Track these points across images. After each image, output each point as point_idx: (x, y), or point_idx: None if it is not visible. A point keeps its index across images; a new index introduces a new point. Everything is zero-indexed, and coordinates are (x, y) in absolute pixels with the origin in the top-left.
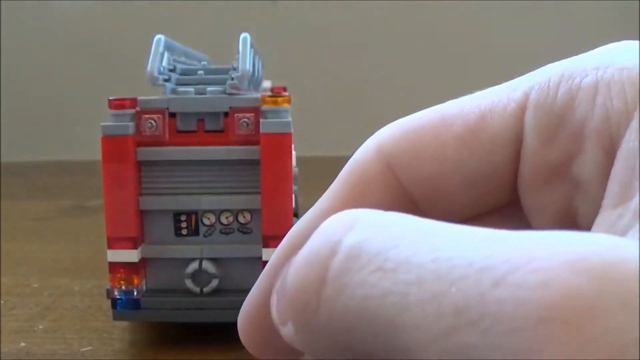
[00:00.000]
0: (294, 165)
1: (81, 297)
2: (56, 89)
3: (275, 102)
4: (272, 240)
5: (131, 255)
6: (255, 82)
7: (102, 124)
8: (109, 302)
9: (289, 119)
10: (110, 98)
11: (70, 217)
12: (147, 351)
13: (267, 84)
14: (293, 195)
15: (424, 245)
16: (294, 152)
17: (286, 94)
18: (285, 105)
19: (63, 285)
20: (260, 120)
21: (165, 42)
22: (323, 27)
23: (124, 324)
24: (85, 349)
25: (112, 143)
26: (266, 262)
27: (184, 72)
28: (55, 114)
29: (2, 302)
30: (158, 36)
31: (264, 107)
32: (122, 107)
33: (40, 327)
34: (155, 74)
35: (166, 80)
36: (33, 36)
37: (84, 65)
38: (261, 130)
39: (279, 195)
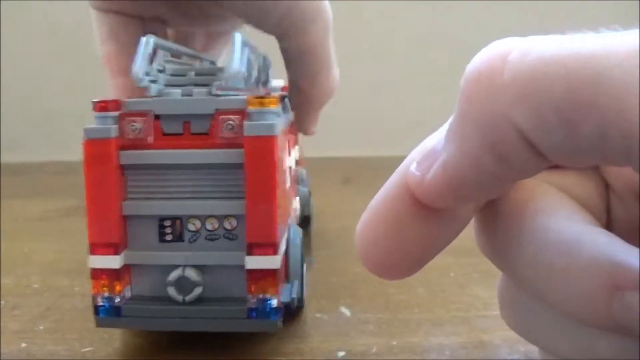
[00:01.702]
0: (300, 167)
1: (82, 298)
2: (56, 89)
3: (262, 104)
4: (256, 247)
5: (113, 262)
6: (261, 82)
7: (85, 127)
8: None
9: (276, 121)
10: (94, 100)
11: (71, 217)
12: (148, 351)
13: (278, 82)
14: (296, 198)
15: None
16: (294, 154)
17: (276, 94)
18: (272, 107)
19: (64, 285)
20: (244, 122)
21: (156, 43)
22: None
23: None
24: (86, 349)
25: (94, 146)
26: (251, 270)
27: (174, 73)
28: (55, 114)
29: (2, 302)
30: (146, 37)
31: (250, 109)
32: (106, 109)
33: (41, 327)
34: (140, 75)
35: (153, 82)
36: (33, 36)
37: (84, 66)
38: (245, 133)
39: (263, 201)
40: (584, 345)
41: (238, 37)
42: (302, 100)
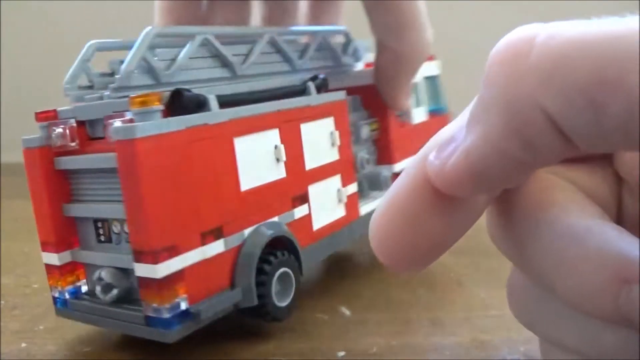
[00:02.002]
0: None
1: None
2: (56, 89)
3: (144, 103)
4: (140, 254)
5: (54, 259)
6: (332, 58)
7: (23, 137)
8: None
9: (151, 121)
10: (36, 112)
11: None
12: (148, 351)
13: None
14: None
15: None
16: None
17: (157, 91)
18: (156, 105)
19: None
20: (111, 126)
21: (103, 46)
22: None
23: None
24: (86, 349)
25: (29, 154)
26: (139, 277)
27: (104, 73)
28: None
29: (3, 302)
30: (89, 42)
31: (132, 110)
32: (46, 119)
33: (41, 327)
34: (64, 84)
35: (89, 87)
36: (33, 36)
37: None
38: (112, 137)
39: (135, 208)
40: (590, 337)
41: (142, 36)
42: (389, 63)
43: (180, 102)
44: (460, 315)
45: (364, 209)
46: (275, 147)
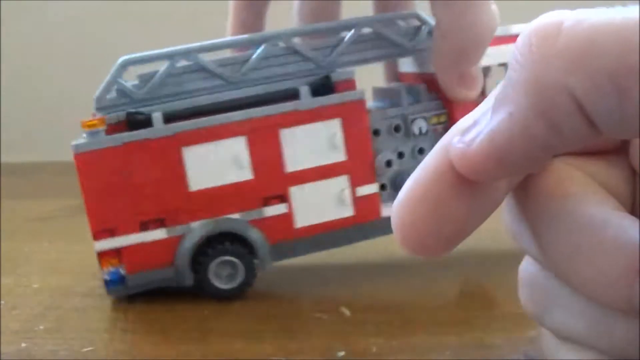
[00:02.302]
0: None
1: (82, 298)
2: (57, 89)
3: (91, 126)
4: (92, 235)
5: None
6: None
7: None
8: (109, 302)
9: (90, 140)
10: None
11: (71, 217)
12: (148, 351)
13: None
14: None
15: None
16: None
17: (102, 116)
18: (100, 127)
19: (64, 285)
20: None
21: (128, 62)
22: None
23: (124, 324)
24: (86, 349)
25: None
26: (97, 252)
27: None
28: (56, 114)
29: (2, 302)
30: (121, 59)
31: (83, 130)
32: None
33: (41, 327)
34: (95, 104)
35: (124, 103)
36: (34, 36)
37: (85, 66)
38: None
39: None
40: (602, 328)
41: (117, 64)
42: (439, 46)
43: (128, 122)
44: (460, 315)
45: (387, 210)
46: (238, 153)
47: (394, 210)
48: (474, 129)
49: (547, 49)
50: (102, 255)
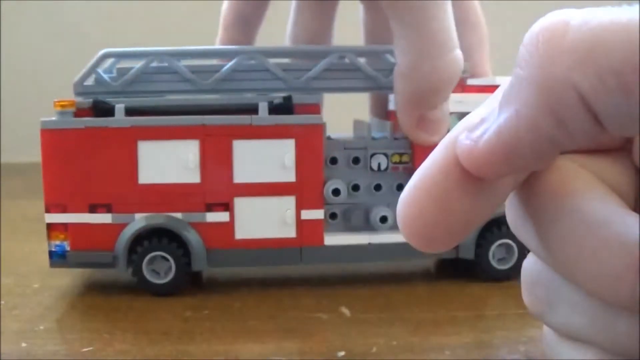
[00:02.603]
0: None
1: (82, 298)
2: (57, 89)
3: (63, 106)
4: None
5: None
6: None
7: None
8: (110, 302)
9: (58, 119)
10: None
11: None
12: (148, 351)
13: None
14: None
15: None
16: None
17: (73, 99)
18: (70, 109)
19: (64, 285)
20: None
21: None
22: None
23: (124, 324)
24: (86, 349)
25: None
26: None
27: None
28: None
29: (2, 302)
30: (102, 51)
31: (55, 110)
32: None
33: (41, 327)
34: (74, 89)
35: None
36: (33, 36)
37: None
38: None
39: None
40: (605, 325)
41: (98, 55)
42: (400, 87)
43: (94, 109)
44: (460, 315)
45: (332, 239)
46: (189, 156)
47: (399, 205)
48: (482, 126)
49: (554, 46)
50: (51, 228)
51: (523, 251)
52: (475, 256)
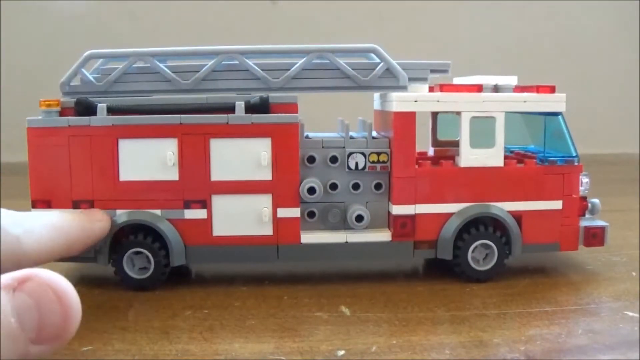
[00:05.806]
0: None
1: (81, 297)
2: (57, 89)
3: (48, 105)
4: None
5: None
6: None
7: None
8: (109, 302)
9: (43, 118)
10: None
11: None
12: (148, 351)
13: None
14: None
15: None
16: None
17: (58, 99)
18: (55, 108)
19: None
20: None
21: (92, 54)
22: (323, 27)
23: (124, 324)
24: (85, 348)
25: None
26: None
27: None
28: None
29: None
30: (87, 52)
31: (41, 109)
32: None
33: None
34: (61, 88)
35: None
36: (33, 36)
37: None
38: None
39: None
40: None
41: (83, 56)
42: None
43: (77, 107)
44: (460, 314)
45: (309, 237)
46: (167, 154)
47: None
48: None
49: None
50: None
51: (502, 252)
52: (454, 257)
